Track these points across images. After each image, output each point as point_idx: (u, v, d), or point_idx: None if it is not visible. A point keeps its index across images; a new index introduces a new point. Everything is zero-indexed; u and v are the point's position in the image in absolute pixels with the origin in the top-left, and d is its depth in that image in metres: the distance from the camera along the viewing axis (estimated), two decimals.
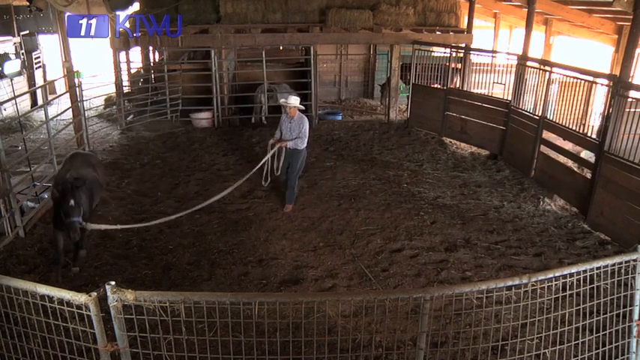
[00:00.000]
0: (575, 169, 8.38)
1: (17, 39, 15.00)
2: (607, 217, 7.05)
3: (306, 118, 7.39)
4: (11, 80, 11.26)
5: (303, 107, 7.34)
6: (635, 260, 3.46)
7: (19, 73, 13.74)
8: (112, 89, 13.56)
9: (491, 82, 11.23)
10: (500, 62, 12.74)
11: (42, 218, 7.22)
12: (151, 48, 14.90)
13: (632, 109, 6.76)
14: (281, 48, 15.36)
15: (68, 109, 9.58)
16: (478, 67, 12.40)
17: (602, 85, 7.84)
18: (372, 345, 4.56)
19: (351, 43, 14.65)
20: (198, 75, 12.97)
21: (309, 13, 12.38)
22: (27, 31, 15.68)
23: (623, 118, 6.84)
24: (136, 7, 12.42)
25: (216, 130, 12.31)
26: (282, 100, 7.41)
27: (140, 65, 15.85)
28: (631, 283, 3.56)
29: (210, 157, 10.34)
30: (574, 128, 8.28)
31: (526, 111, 9.41)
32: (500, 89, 11.15)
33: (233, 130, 12.40)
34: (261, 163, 7.43)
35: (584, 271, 3.34)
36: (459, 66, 12.15)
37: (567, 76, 8.71)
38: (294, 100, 7.25)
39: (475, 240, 6.83)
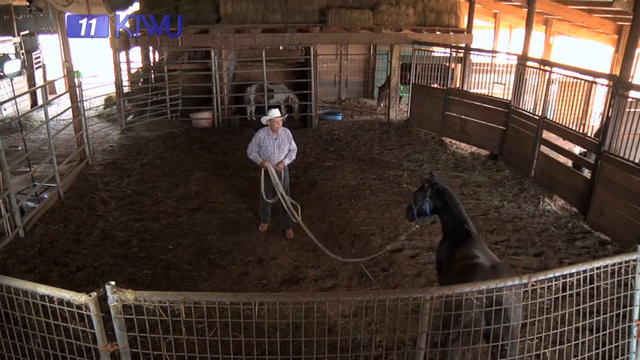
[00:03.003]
0: (575, 170, 8.38)
1: (17, 39, 15.01)
2: (607, 217, 7.04)
3: (287, 128, 6.79)
4: (11, 80, 11.24)
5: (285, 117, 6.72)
6: (635, 260, 3.46)
7: (19, 73, 13.73)
8: (112, 89, 13.57)
9: (491, 82, 11.24)
10: (500, 62, 12.75)
11: (42, 218, 7.22)
12: (150, 48, 14.91)
13: (632, 109, 6.76)
14: (281, 48, 15.37)
15: (68, 109, 9.58)
16: (478, 67, 12.40)
17: (602, 85, 7.84)
18: (372, 345, 4.56)
19: (351, 43, 14.66)
20: (198, 75, 12.98)
21: (309, 13, 12.38)
22: (27, 31, 15.68)
23: (623, 118, 6.85)
24: (136, 7, 12.43)
25: (216, 130, 12.31)
26: (265, 118, 6.61)
27: (140, 65, 15.85)
28: (631, 283, 3.55)
29: (210, 157, 10.34)
30: (574, 128, 8.28)
31: (526, 111, 9.41)
32: (500, 89, 11.15)
33: (233, 130, 12.40)
34: (287, 202, 6.61)
35: (584, 271, 3.33)
36: (459, 67, 12.15)
37: (567, 76, 8.71)
38: (278, 112, 6.56)
39: None
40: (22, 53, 14.98)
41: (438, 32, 12.91)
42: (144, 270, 6.03)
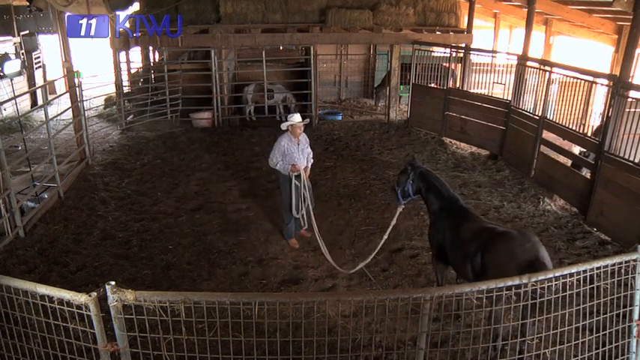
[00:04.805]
0: (575, 170, 8.38)
1: (17, 39, 15.00)
2: (607, 217, 7.04)
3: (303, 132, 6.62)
4: (11, 80, 11.24)
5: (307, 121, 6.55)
6: (635, 260, 3.46)
7: (19, 73, 13.72)
8: (112, 89, 13.57)
9: (491, 82, 11.23)
10: (500, 62, 12.74)
11: (42, 218, 7.22)
12: (150, 48, 14.90)
13: (632, 109, 6.76)
14: (281, 48, 15.36)
15: (68, 109, 9.58)
16: (478, 67, 12.40)
17: (602, 85, 7.84)
18: (372, 345, 4.56)
19: (351, 43, 14.65)
20: (198, 75, 12.98)
21: (309, 13, 12.38)
22: (27, 31, 15.67)
23: (623, 118, 6.85)
24: (136, 7, 12.42)
25: (216, 130, 12.31)
26: (286, 124, 6.35)
27: (140, 65, 15.85)
28: (631, 283, 3.55)
29: (210, 157, 10.34)
30: (574, 128, 8.27)
31: (526, 111, 9.41)
32: (500, 89, 11.14)
33: (233, 130, 12.41)
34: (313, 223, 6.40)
35: (584, 271, 3.33)
36: (459, 67, 12.15)
37: (567, 76, 8.71)
38: (299, 117, 6.33)
39: None
40: (22, 53, 14.98)
41: (438, 32, 12.91)
42: (144, 270, 6.03)
